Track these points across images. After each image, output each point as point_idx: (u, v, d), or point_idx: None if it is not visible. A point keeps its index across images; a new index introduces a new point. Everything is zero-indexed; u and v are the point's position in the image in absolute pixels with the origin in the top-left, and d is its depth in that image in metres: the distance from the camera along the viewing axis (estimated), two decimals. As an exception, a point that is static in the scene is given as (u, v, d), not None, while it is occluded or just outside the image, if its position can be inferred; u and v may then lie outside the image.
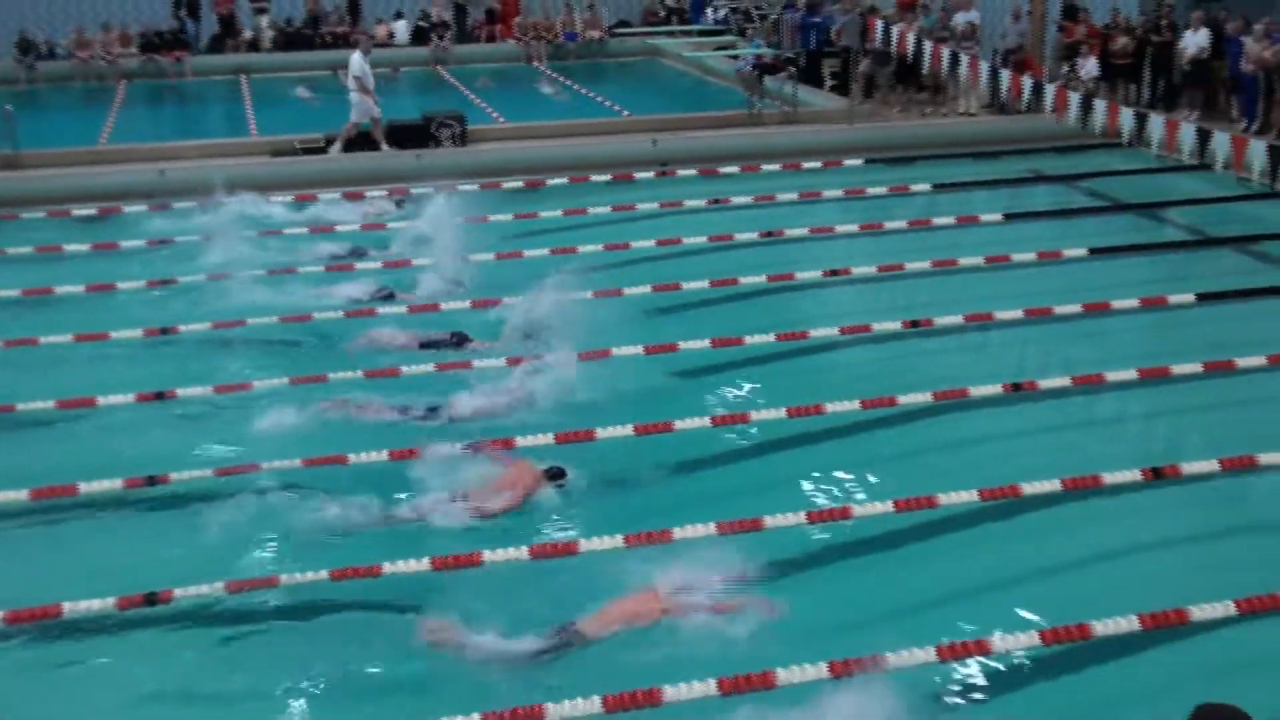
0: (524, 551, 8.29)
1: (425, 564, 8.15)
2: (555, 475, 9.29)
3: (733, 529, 8.43)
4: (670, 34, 32.37)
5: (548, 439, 9.87)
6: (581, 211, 17.40)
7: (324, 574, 8.06)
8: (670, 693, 6.84)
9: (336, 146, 20.83)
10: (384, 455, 9.63)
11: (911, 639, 7.24)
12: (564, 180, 18.94)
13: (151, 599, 7.88)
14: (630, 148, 20.50)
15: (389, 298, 13.77)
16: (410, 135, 20.95)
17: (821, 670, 6.97)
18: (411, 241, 15.43)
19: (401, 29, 32.14)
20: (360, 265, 15.01)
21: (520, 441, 9.86)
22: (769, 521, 8.57)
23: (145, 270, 14.80)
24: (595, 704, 6.79)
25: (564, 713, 6.74)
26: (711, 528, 8.43)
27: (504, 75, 29.10)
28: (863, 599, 8.12)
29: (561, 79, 28.15)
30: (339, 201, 17.86)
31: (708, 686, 6.89)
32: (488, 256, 15.00)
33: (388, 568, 8.09)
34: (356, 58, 20.98)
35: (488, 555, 8.21)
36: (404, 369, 11.42)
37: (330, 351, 12.18)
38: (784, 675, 6.96)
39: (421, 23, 31.80)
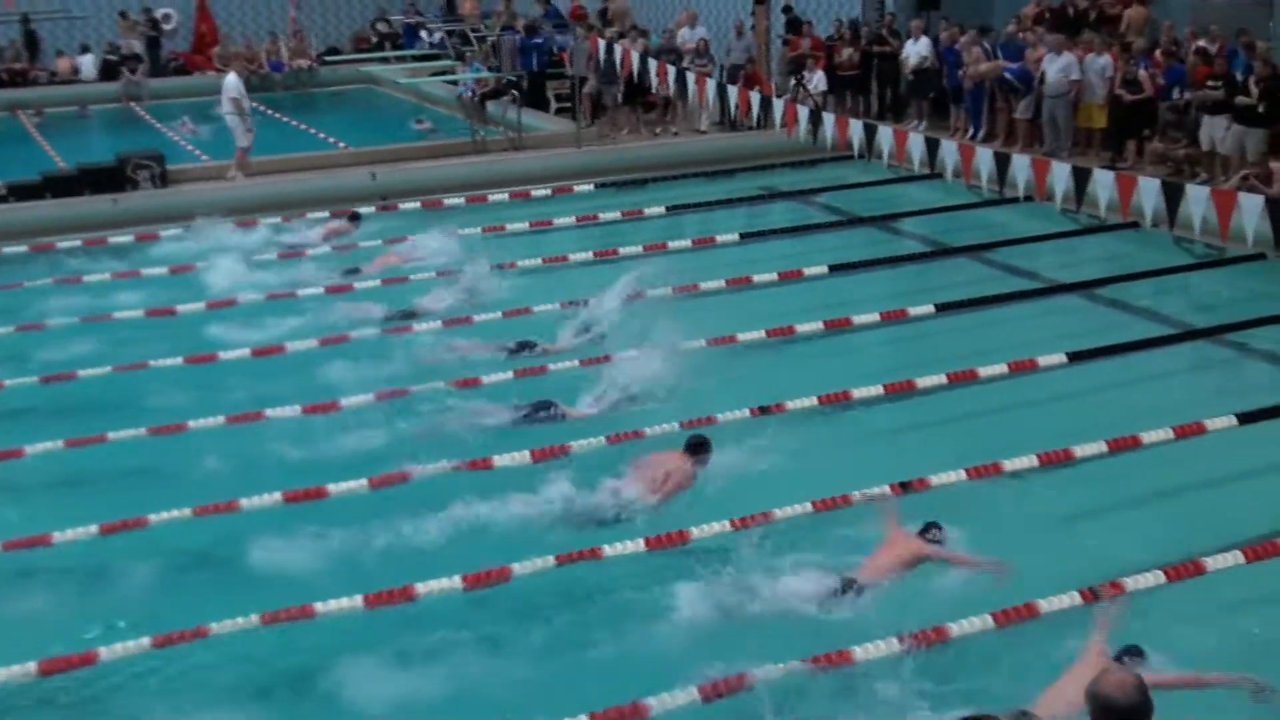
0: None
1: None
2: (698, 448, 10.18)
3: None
4: (384, 60, 32.20)
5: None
6: (300, 253, 17.13)
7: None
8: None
9: (234, 174, 21.01)
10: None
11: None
12: (278, 219, 18.64)
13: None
14: (348, 182, 20.33)
15: (410, 315, 14.33)
16: (105, 178, 19.99)
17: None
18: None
19: (88, 63, 31.11)
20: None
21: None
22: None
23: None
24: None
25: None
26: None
27: (204, 111, 28.41)
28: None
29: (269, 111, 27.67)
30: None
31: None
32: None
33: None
34: (233, 79, 21.28)
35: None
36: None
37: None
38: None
39: (110, 56, 30.83)
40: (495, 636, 8.36)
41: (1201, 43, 19.76)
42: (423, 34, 33.00)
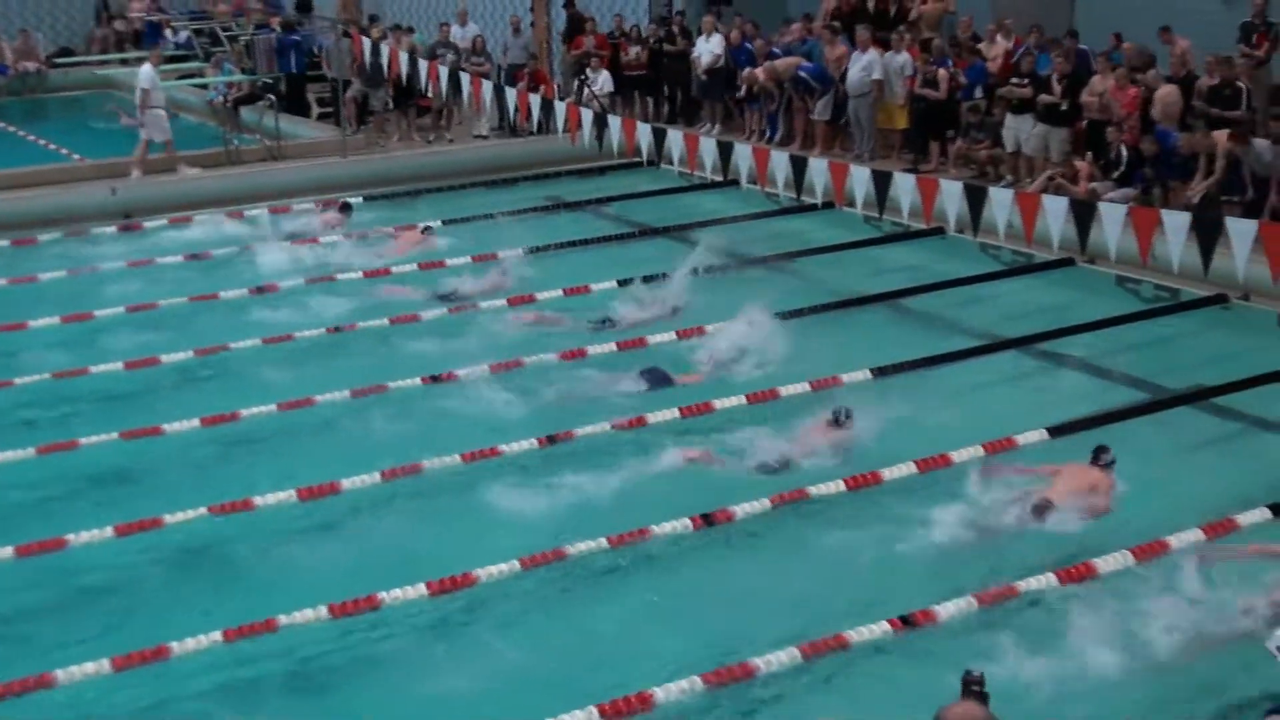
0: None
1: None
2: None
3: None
4: (124, 62, 31.37)
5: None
6: (30, 279, 16.62)
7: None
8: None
9: (135, 172, 21.04)
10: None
11: None
12: (4, 243, 18.05)
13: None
14: (84, 198, 19.74)
15: (446, 297, 15.64)
16: None
17: None
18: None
19: None
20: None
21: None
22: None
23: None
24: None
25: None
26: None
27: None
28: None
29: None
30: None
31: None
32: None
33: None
34: (147, 70, 21.52)
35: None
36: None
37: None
38: None
39: None
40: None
41: (1000, 39, 20.49)
42: (167, 33, 32.23)
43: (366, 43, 23.08)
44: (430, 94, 23.31)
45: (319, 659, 8.66)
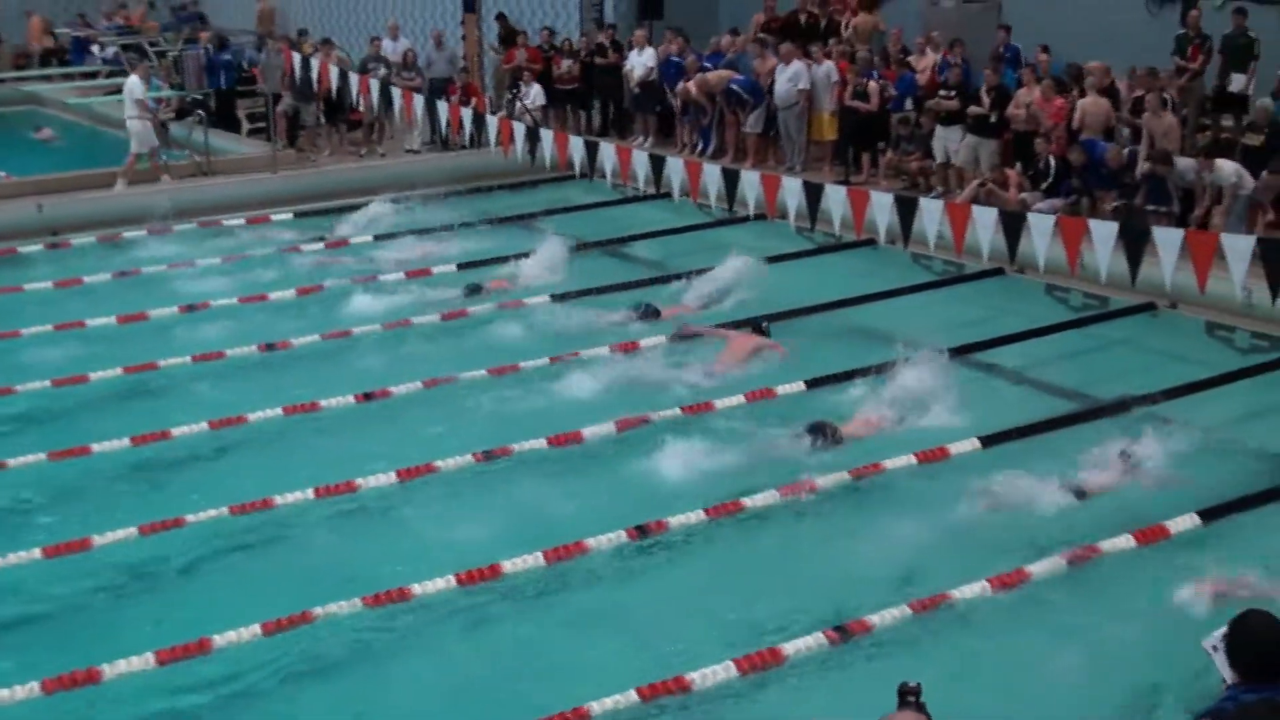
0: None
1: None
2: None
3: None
4: (48, 78, 31.10)
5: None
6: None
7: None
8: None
9: (120, 183, 21.23)
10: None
11: None
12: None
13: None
14: (10, 216, 19.53)
15: (476, 291, 16.38)
16: None
17: None
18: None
19: None
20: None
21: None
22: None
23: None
24: None
25: None
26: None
27: None
28: None
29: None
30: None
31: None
32: None
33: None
34: (135, 81, 21.83)
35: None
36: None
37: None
38: None
39: None
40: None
41: (930, 52, 20.71)
42: (94, 49, 32.00)
43: (297, 57, 22.99)
44: (361, 108, 23.26)
45: (252, 677, 8.61)
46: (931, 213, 15.24)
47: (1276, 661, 5.20)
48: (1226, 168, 16.26)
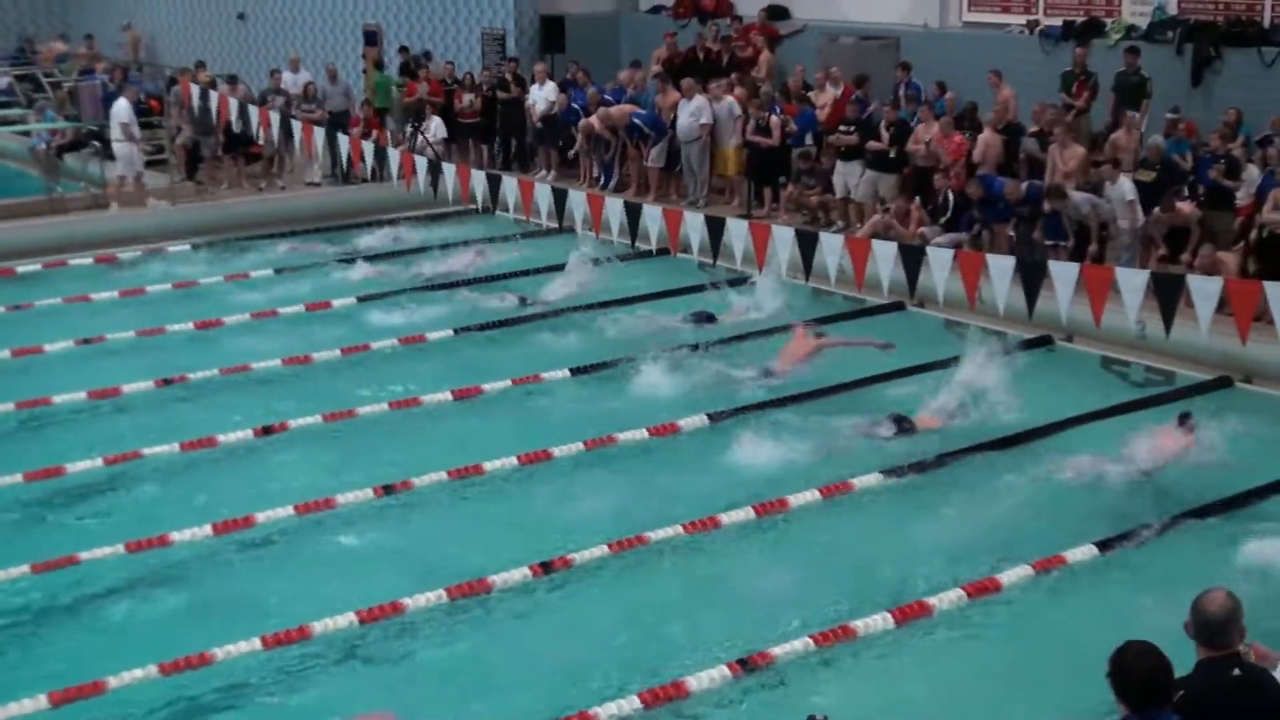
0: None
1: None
2: None
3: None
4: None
5: None
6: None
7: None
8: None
9: (114, 206, 21.54)
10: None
11: None
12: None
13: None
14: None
15: (522, 301, 17.33)
16: None
17: None
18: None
19: None
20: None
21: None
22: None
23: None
24: None
25: None
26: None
27: None
28: None
29: None
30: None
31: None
32: None
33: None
34: (123, 104, 22.05)
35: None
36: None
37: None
38: None
39: None
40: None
41: (830, 88, 20.95)
42: (-15, 79, 31.52)
43: (195, 89, 22.79)
44: (262, 140, 23.08)
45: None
46: (832, 247, 15.33)
47: (1156, 686, 5.32)
48: (1125, 184, 16.58)
